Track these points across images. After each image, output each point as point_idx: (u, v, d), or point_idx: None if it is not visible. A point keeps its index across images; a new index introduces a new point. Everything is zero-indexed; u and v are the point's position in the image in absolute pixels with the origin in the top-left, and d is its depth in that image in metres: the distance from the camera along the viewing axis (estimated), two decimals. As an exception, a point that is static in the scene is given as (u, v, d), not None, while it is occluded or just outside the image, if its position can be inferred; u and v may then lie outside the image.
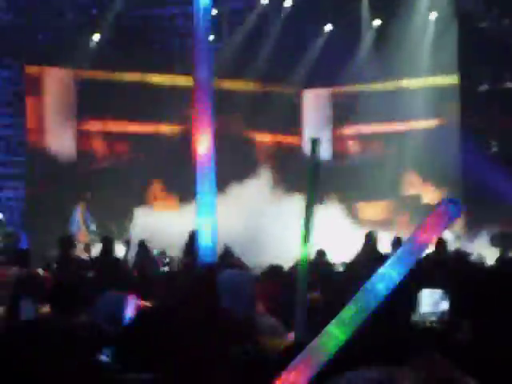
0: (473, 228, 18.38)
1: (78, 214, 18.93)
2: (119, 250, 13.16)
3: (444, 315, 4.86)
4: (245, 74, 21.46)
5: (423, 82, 21.31)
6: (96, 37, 20.89)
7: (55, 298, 5.40)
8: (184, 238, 12.15)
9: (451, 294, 5.41)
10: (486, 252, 13.63)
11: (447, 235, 17.16)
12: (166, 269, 12.58)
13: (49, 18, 21.21)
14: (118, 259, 11.57)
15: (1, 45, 20.04)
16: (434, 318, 4.49)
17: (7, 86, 20.26)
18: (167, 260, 12.98)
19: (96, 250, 13.90)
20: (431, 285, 6.32)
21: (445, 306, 5.01)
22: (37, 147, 20.02)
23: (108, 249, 11.52)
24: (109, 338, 4.09)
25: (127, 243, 12.41)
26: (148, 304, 5.71)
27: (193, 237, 11.64)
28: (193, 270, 9.85)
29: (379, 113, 21.48)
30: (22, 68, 20.40)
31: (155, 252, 13.73)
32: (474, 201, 18.48)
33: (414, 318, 3.34)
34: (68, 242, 11.79)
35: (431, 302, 4.73)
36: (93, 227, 19.03)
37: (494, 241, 14.63)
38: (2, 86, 20.15)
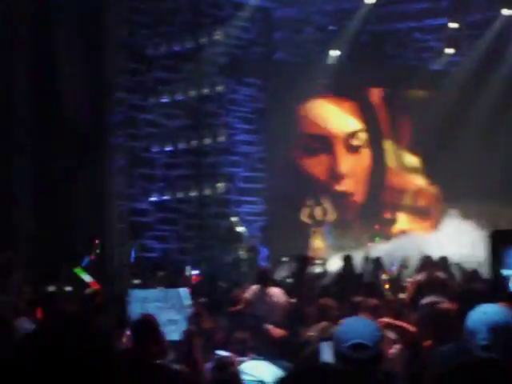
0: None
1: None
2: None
3: None
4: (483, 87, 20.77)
5: None
6: (334, 53, 21.16)
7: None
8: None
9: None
10: None
11: None
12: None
13: (286, 36, 21.77)
14: (360, 275, 11.68)
15: (242, 64, 20.80)
16: None
17: (248, 104, 20.95)
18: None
19: (333, 264, 14.02)
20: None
21: None
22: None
23: (348, 265, 11.64)
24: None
25: (366, 259, 12.47)
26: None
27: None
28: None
29: None
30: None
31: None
32: None
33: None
34: (304, 259, 12.00)
35: None
36: (330, 241, 19.32)
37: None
38: (243, 103, 20.86)
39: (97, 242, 13.74)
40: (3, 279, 10.22)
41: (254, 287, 10.61)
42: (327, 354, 4.08)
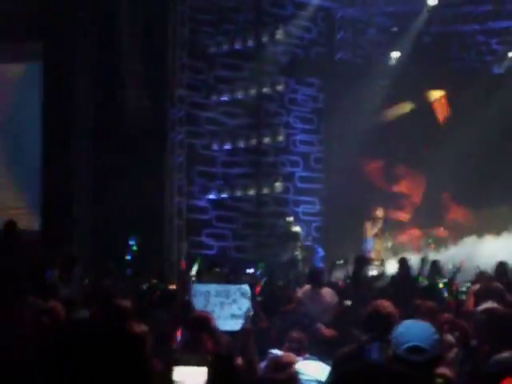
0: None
1: (372, 231, 19.23)
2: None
3: None
4: None
5: None
6: (395, 54, 21.05)
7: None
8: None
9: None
10: None
11: None
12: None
13: (348, 37, 21.73)
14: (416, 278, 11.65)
15: (303, 63, 20.83)
16: None
17: (308, 104, 20.95)
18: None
19: (390, 266, 13.99)
20: None
21: None
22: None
23: (403, 268, 11.62)
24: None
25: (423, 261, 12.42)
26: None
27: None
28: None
29: None
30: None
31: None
32: None
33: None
34: (362, 261, 12.00)
35: None
36: (388, 244, 19.24)
37: None
38: (303, 103, 20.87)
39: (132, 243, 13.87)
40: (66, 273, 10.41)
41: (307, 287, 10.67)
42: (378, 355, 4.09)
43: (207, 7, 19.32)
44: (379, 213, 19.51)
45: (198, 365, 3.91)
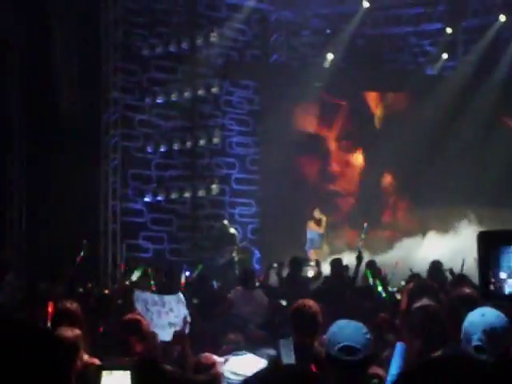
0: None
1: (319, 230, 19.34)
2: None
3: None
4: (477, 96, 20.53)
5: None
6: (330, 56, 21.17)
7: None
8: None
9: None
10: None
11: None
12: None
13: (283, 39, 21.82)
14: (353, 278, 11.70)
15: (238, 66, 20.84)
16: None
17: (243, 106, 20.95)
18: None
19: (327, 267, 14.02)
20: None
21: None
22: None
23: (336, 269, 11.67)
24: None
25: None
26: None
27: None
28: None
29: None
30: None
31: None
32: None
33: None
34: (298, 262, 12.02)
35: None
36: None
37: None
38: (238, 105, 20.86)
39: (84, 242, 13.67)
40: None
41: (238, 288, 10.70)
42: (286, 352, 4.10)
43: (140, 9, 19.20)
44: (317, 214, 19.61)
45: (124, 369, 3.86)
